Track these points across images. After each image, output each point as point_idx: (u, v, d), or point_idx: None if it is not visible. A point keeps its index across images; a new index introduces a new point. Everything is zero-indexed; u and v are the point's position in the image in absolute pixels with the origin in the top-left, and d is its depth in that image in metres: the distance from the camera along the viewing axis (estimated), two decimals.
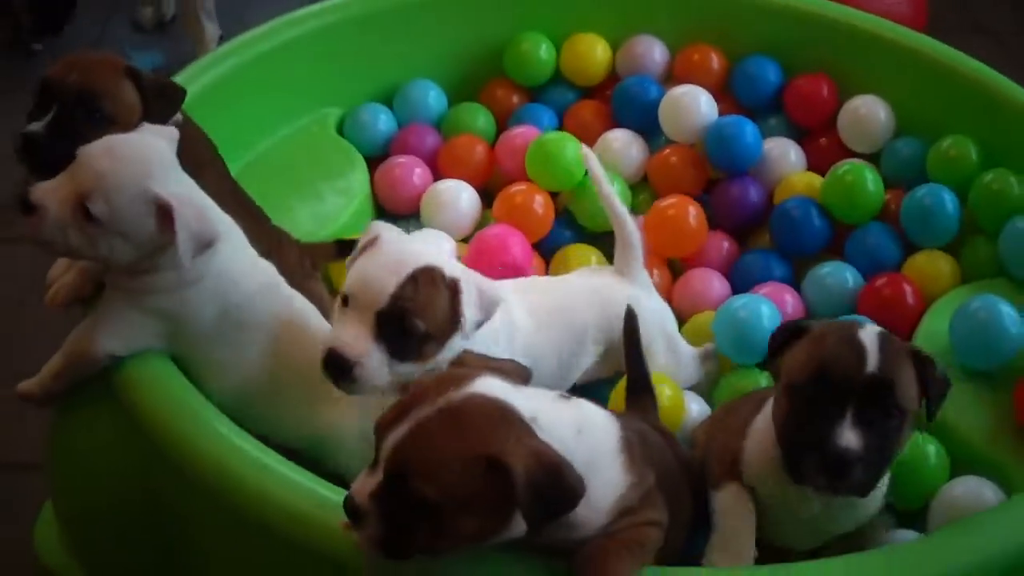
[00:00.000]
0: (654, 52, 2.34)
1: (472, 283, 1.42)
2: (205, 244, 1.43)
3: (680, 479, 1.38)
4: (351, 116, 2.29)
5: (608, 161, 2.16)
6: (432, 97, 2.33)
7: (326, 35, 2.23)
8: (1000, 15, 3.21)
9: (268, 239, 1.73)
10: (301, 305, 1.62)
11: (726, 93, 2.31)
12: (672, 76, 2.35)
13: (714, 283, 1.98)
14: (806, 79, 2.25)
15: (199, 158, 1.72)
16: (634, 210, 2.12)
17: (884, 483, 1.39)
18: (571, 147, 2.10)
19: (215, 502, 1.38)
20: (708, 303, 1.93)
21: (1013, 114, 2.01)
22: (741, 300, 1.79)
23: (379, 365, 1.38)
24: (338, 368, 1.37)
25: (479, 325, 1.43)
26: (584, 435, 1.16)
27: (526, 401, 1.14)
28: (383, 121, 2.28)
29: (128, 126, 1.55)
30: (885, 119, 2.16)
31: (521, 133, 2.22)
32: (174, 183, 1.45)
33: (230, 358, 1.54)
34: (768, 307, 1.75)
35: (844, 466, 1.23)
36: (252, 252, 1.58)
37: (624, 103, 2.27)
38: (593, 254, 2.01)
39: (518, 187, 2.10)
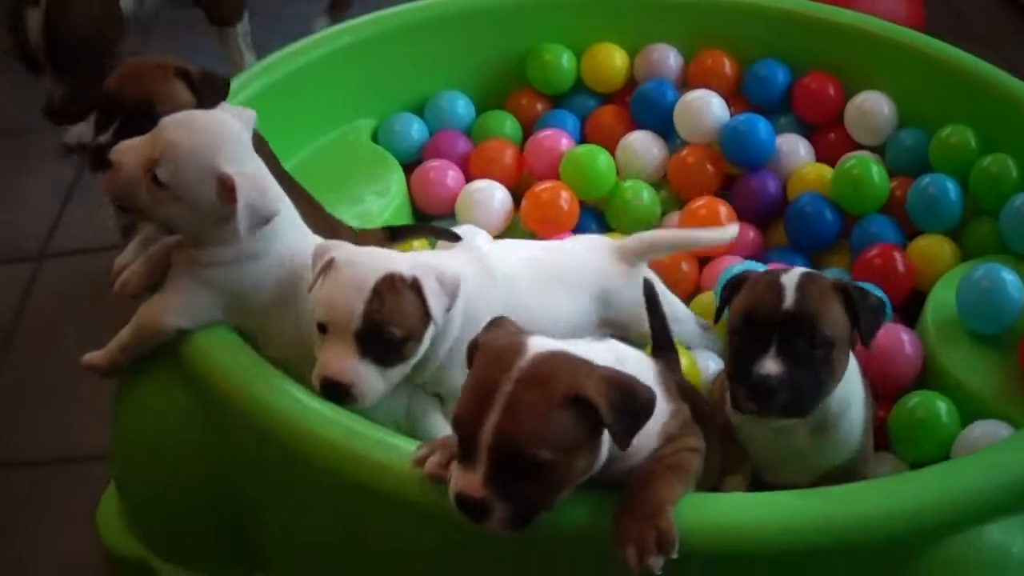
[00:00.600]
0: (669, 59, 2.45)
1: (431, 273, 1.50)
2: (263, 218, 1.53)
3: (708, 422, 1.49)
4: (385, 125, 2.40)
5: (630, 161, 2.29)
6: (461, 106, 2.44)
7: (359, 50, 2.33)
8: (991, 24, 3.30)
9: (324, 225, 1.82)
10: None
11: (738, 95, 2.42)
12: (687, 81, 2.45)
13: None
14: (813, 79, 2.34)
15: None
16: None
17: (858, 416, 1.54)
18: (602, 158, 2.24)
19: (293, 461, 1.47)
20: None
21: (1007, 102, 2.10)
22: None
23: (372, 380, 1.48)
24: (337, 395, 1.47)
25: (448, 308, 1.52)
26: (624, 366, 1.26)
27: (570, 345, 1.26)
28: (416, 129, 2.40)
29: None
30: (888, 112, 2.26)
31: (549, 136, 2.34)
32: (242, 160, 1.55)
33: (287, 331, 1.62)
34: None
35: (766, 391, 1.37)
36: (307, 231, 1.67)
37: (642, 107, 2.38)
38: None
39: (544, 185, 2.22)
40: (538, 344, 1.23)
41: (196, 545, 1.73)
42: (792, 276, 1.43)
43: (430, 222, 2.27)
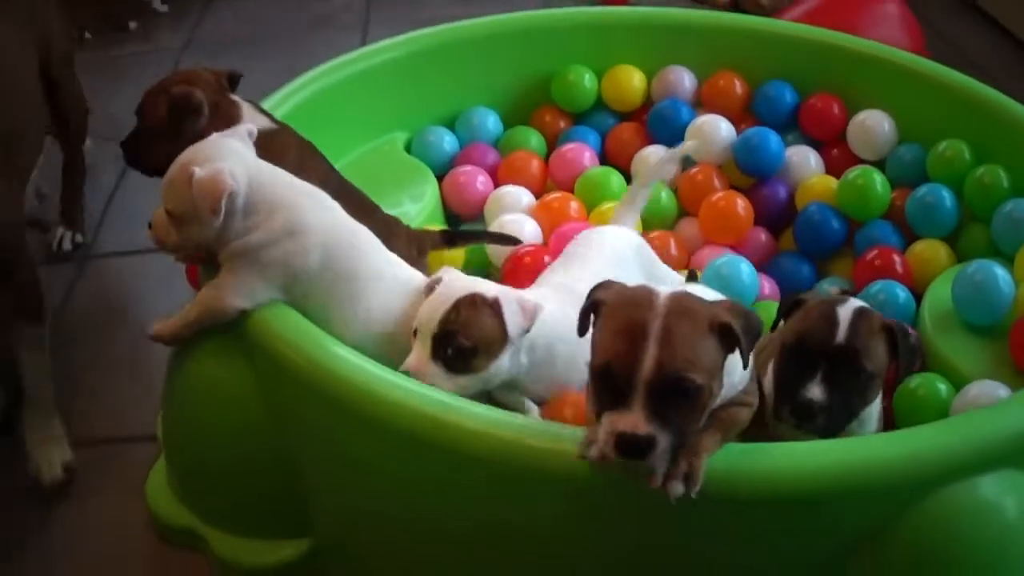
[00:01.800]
0: (684, 80, 2.59)
1: (512, 299, 1.64)
2: (215, 201, 1.63)
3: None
4: (419, 137, 2.53)
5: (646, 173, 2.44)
6: (491, 122, 2.59)
7: (396, 67, 2.48)
8: (990, 53, 3.46)
9: (380, 226, 1.91)
10: (400, 268, 1.82)
11: (749, 113, 2.56)
12: (701, 100, 2.60)
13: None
14: (818, 98, 2.48)
15: (299, 161, 1.96)
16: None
17: (873, 420, 1.66)
18: (614, 179, 2.40)
19: (358, 422, 1.57)
20: None
21: (999, 117, 2.24)
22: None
23: (438, 379, 1.61)
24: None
25: (526, 331, 1.65)
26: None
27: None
28: (447, 142, 2.54)
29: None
30: (888, 129, 2.39)
31: (572, 148, 2.49)
32: (216, 161, 1.66)
33: (347, 313, 1.73)
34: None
35: (808, 412, 1.51)
36: (342, 212, 1.78)
37: (658, 123, 2.53)
38: None
39: (555, 195, 2.36)
40: (666, 289, 1.36)
41: (243, 511, 1.82)
42: (847, 310, 1.55)
43: (461, 225, 2.41)
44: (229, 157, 1.69)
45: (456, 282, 1.68)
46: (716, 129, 2.43)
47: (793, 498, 1.43)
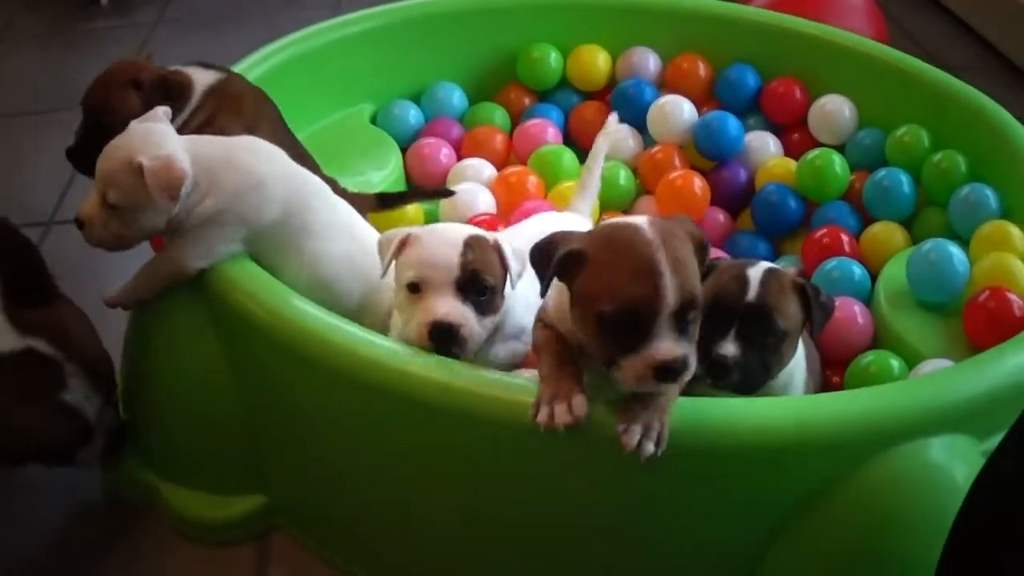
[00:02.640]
0: (648, 61, 2.62)
1: (507, 242, 1.62)
2: (175, 188, 1.61)
3: None
4: (385, 110, 2.55)
5: (608, 152, 2.44)
6: (456, 97, 2.60)
7: (364, 40, 2.49)
8: (951, 50, 3.52)
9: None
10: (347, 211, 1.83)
11: (711, 97, 2.59)
12: (664, 82, 2.62)
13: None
14: (780, 82, 2.51)
15: (255, 109, 1.97)
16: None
17: (799, 386, 1.68)
18: (566, 156, 2.41)
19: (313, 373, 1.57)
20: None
21: (956, 104, 2.27)
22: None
23: (475, 324, 1.56)
24: (447, 335, 1.53)
25: (520, 275, 1.61)
26: None
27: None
28: (413, 115, 2.55)
29: None
30: (849, 114, 2.42)
31: (535, 124, 2.51)
32: (158, 149, 1.63)
33: (294, 255, 1.73)
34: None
35: (723, 369, 1.52)
36: (284, 156, 1.76)
37: (622, 102, 2.54)
38: None
39: (513, 169, 2.37)
40: (628, 219, 1.38)
41: (199, 465, 1.83)
42: (758, 270, 1.57)
43: None
44: (166, 142, 1.66)
45: (439, 228, 1.64)
46: (678, 110, 2.45)
47: (748, 450, 1.44)
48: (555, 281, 1.40)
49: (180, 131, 1.75)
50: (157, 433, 1.86)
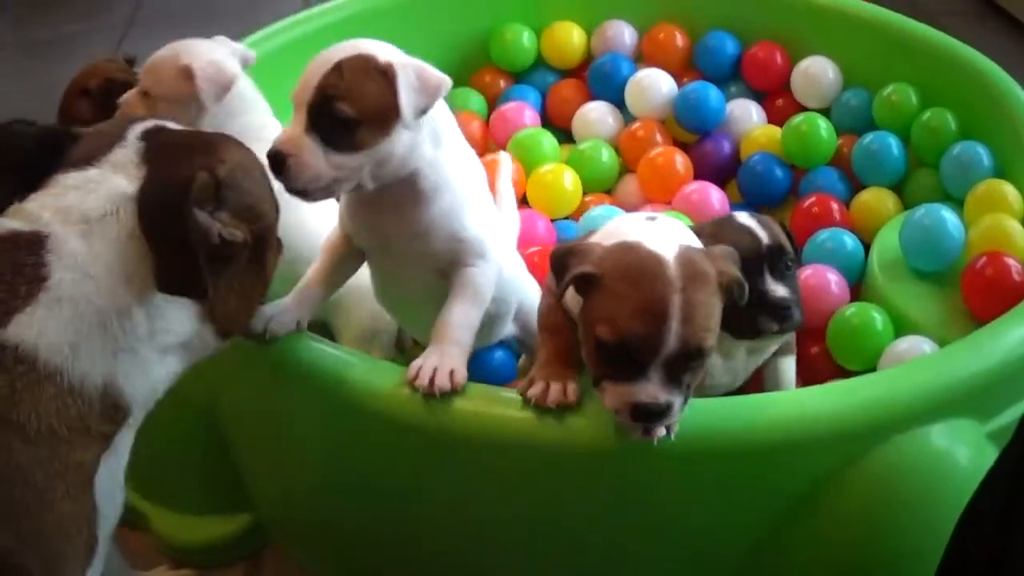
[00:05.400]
0: (624, 34, 2.55)
1: (410, 67, 1.38)
2: (223, 87, 1.71)
3: None
4: None
5: (588, 130, 2.41)
6: None
7: (337, 28, 2.39)
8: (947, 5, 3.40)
9: None
10: None
11: (690, 67, 2.52)
12: (641, 54, 2.56)
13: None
14: (760, 47, 2.45)
15: None
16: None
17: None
18: (546, 140, 2.34)
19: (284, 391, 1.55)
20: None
21: (944, 58, 2.21)
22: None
23: (312, 156, 1.35)
24: (276, 164, 1.35)
25: (423, 111, 1.40)
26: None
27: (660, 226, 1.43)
28: None
29: None
30: (833, 76, 2.36)
31: (511, 108, 2.44)
32: (203, 56, 1.72)
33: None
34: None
35: (787, 310, 1.53)
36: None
37: (599, 79, 2.48)
38: None
39: (491, 156, 2.27)
40: (657, 244, 1.30)
41: (181, 487, 1.82)
42: (755, 218, 1.59)
43: None
44: (217, 49, 1.77)
45: (340, 46, 1.41)
46: (656, 84, 2.39)
47: (748, 450, 1.40)
48: None
49: None
50: (138, 453, 1.80)
